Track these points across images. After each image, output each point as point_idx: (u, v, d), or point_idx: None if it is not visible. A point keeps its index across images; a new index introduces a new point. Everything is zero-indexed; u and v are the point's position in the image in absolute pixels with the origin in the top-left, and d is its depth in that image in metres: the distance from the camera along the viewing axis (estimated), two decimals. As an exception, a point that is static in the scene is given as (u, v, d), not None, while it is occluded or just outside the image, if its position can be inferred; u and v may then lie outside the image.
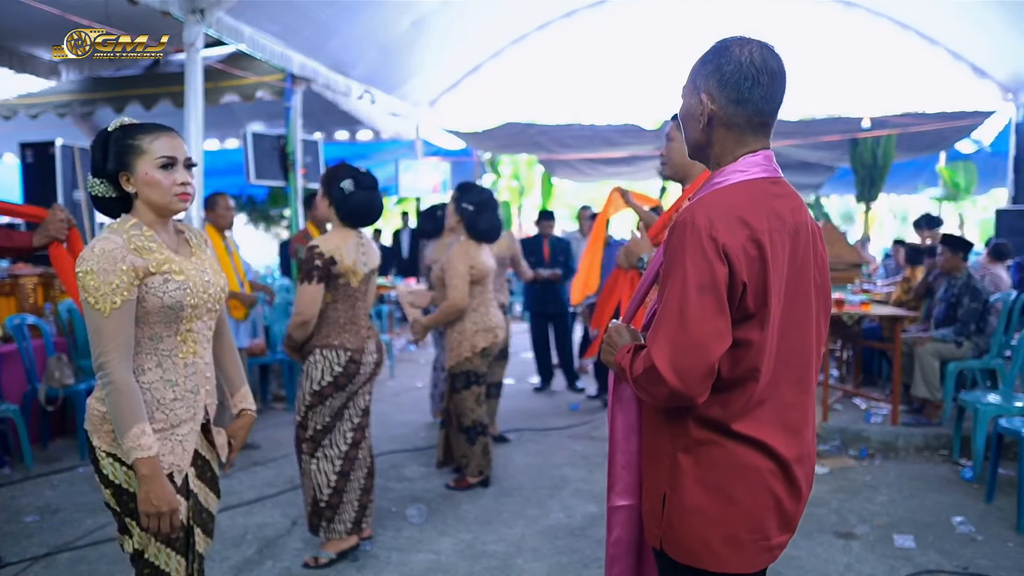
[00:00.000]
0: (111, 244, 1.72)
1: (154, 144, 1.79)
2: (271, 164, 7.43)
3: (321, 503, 3.18)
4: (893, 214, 22.27)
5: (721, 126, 1.47)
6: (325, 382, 3.10)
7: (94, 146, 1.83)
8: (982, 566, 3.21)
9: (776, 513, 1.47)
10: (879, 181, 10.30)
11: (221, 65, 7.63)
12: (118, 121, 1.83)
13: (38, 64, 7.95)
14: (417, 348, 8.96)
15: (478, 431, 4.09)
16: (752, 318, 1.39)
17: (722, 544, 1.45)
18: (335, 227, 3.18)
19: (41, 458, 4.61)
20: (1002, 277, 6.25)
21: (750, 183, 1.45)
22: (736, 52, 1.43)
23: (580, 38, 11.91)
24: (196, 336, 1.88)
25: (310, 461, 3.19)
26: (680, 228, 1.39)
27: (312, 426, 3.16)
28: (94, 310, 1.70)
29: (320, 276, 3.01)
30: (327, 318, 3.11)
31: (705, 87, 1.46)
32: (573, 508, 3.89)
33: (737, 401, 1.42)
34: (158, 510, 1.74)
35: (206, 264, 1.92)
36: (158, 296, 1.77)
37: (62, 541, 3.44)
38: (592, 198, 25.02)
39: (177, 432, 1.85)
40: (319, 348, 3.11)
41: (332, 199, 3.13)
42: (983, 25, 9.13)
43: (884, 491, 4.12)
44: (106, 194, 1.84)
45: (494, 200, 4.23)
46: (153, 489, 1.74)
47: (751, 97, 1.43)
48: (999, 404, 4.21)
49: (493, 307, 4.17)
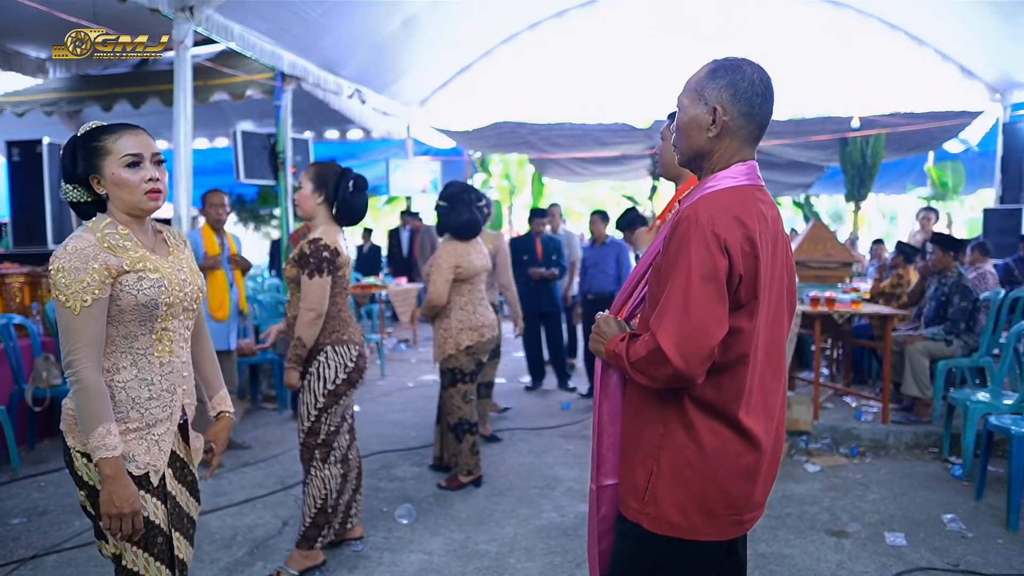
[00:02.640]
0: (83, 243, 1.72)
1: (118, 143, 1.78)
2: (261, 163, 7.39)
3: (328, 509, 3.09)
4: (882, 214, 22.39)
5: (728, 136, 1.61)
6: (339, 380, 3.02)
7: (64, 153, 1.82)
8: (972, 563, 3.22)
9: (750, 492, 1.61)
10: (868, 181, 10.35)
11: (211, 63, 7.59)
12: (87, 125, 1.83)
13: (25, 62, 7.87)
14: (407, 348, 8.94)
15: (464, 429, 4.09)
16: (743, 307, 1.54)
17: (699, 516, 1.59)
18: (326, 223, 3.10)
19: (29, 459, 4.57)
20: (990, 274, 6.29)
21: (741, 188, 1.59)
22: (748, 71, 1.58)
23: (571, 37, 11.94)
24: (172, 335, 1.86)
25: (323, 468, 3.07)
26: (684, 224, 1.51)
27: (324, 430, 3.05)
28: (65, 308, 1.69)
29: (329, 268, 2.96)
30: (330, 313, 3.04)
31: (718, 99, 1.58)
32: (565, 507, 3.88)
33: (729, 385, 1.56)
34: (119, 511, 1.72)
35: (183, 263, 1.92)
36: (132, 294, 1.76)
37: (49, 543, 3.40)
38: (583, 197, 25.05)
39: (153, 432, 1.83)
40: (331, 345, 3.02)
41: (329, 196, 3.06)
42: (971, 26, 9.19)
43: (875, 489, 4.14)
44: (80, 199, 1.83)
45: (469, 195, 4.10)
46: (115, 490, 1.71)
47: (759, 112, 1.59)
48: (988, 402, 4.23)
49: (482, 306, 4.13)
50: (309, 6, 7.26)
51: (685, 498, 1.58)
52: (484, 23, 10.43)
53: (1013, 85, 9.70)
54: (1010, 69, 9.51)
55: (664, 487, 1.59)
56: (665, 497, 1.59)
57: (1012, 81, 9.66)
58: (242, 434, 5.11)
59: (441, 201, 4.09)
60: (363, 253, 10.74)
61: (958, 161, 12.01)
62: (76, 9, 5.32)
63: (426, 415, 5.70)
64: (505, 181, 15.95)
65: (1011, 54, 9.22)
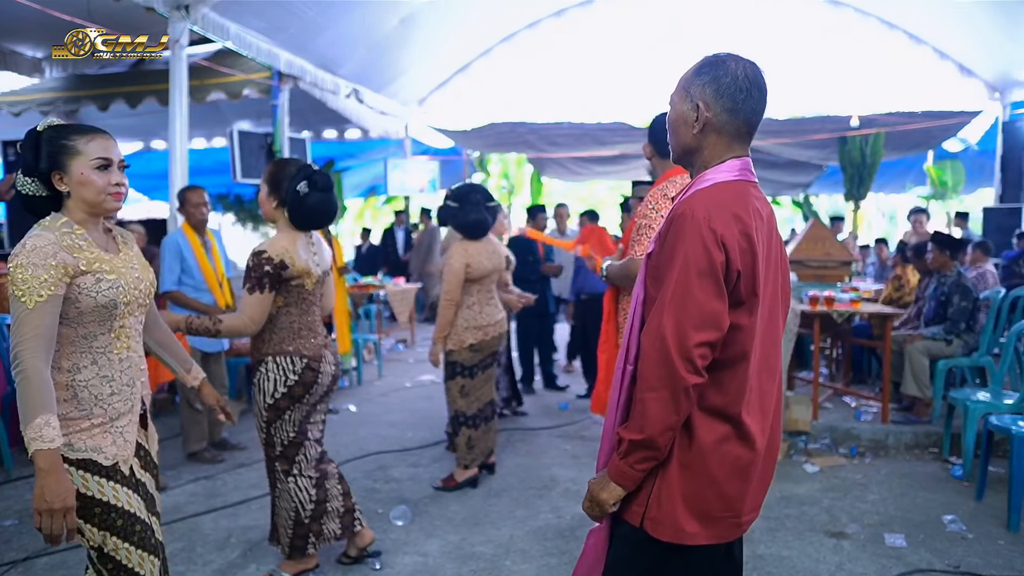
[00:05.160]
0: (43, 241, 1.77)
1: (90, 146, 1.84)
2: (258, 163, 7.36)
3: (305, 519, 2.99)
4: (881, 213, 22.35)
5: (713, 132, 1.58)
6: (279, 394, 2.84)
7: (25, 145, 1.85)
8: (973, 564, 3.20)
9: (746, 492, 1.60)
10: (868, 180, 10.34)
11: (207, 62, 7.56)
12: (48, 121, 1.88)
13: (21, 61, 7.84)
14: (405, 348, 8.92)
15: (460, 421, 4.11)
16: (743, 304, 1.52)
17: (699, 521, 1.56)
18: (282, 228, 2.88)
19: (21, 460, 4.52)
20: (990, 274, 6.26)
21: (736, 184, 1.57)
22: (732, 66, 1.56)
23: (570, 36, 11.90)
24: (129, 331, 1.93)
25: (287, 480, 2.96)
26: (680, 220, 1.49)
27: (279, 442, 2.93)
28: (19, 302, 1.73)
29: (272, 284, 2.75)
30: (278, 324, 2.84)
31: (701, 96, 1.57)
32: (562, 509, 3.85)
33: (731, 383, 1.54)
34: (50, 507, 1.71)
35: (134, 260, 1.98)
36: (91, 296, 1.82)
37: (41, 546, 3.36)
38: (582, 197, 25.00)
39: (116, 424, 1.90)
40: (271, 356, 2.84)
41: (282, 200, 2.84)
42: (971, 25, 9.17)
43: (875, 490, 4.11)
44: (36, 192, 1.87)
45: (478, 195, 4.09)
46: (48, 484, 1.70)
47: (743, 108, 1.56)
48: (989, 401, 4.21)
49: (490, 306, 4.13)
50: (306, 5, 7.23)
51: (687, 501, 1.55)
52: (483, 22, 10.41)
53: (1012, 84, 9.68)
54: (1009, 68, 9.50)
55: (667, 490, 1.55)
56: (668, 500, 1.55)
57: (1011, 80, 9.64)
58: (236, 435, 5.08)
59: (450, 201, 4.08)
60: (362, 253, 10.73)
61: (958, 160, 12.00)
62: (71, 8, 5.29)
63: (423, 416, 5.67)
64: (504, 181, 15.91)
65: (1010, 53, 9.21)
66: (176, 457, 4.64)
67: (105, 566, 1.86)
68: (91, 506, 1.82)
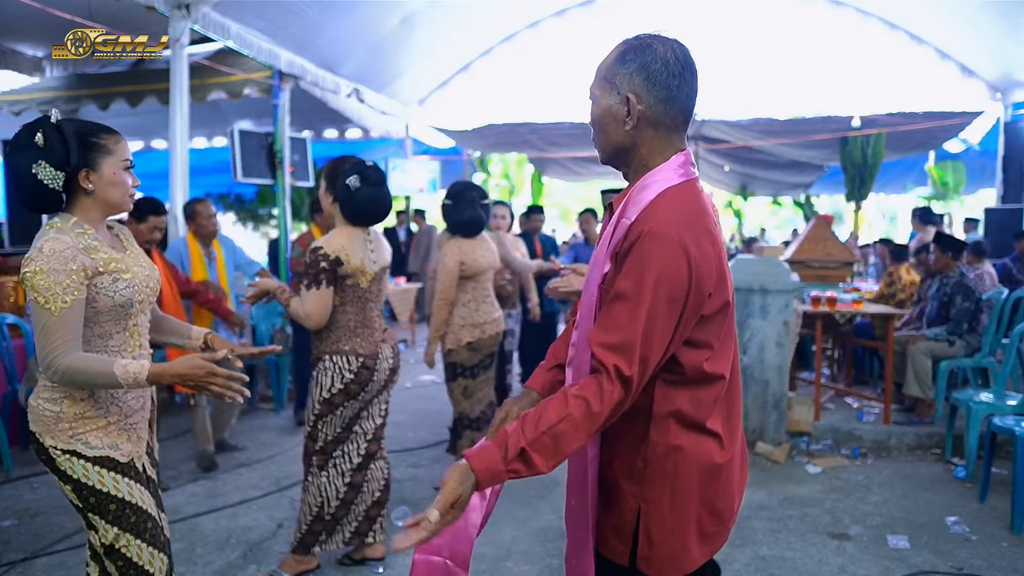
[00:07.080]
0: (61, 244, 1.74)
1: (119, 146, 1.85)
2: (259, 162, 7.34)
3: (327, 516, 3.02)
4: (882, 213, 22.34)
5: (648, 126, 1.41)
6: (336, 389, 2.93)
7: (49, 137, 1.74)
8: (976, 566, 3.18)
9: (732, 503, 1.52)
10: (869, 180, 10.33)
11: (207, 62, 7.54)
12: (57, 114, 1.80)
13: (21, 60, 7.82)
14: (405, 348, 8.90)
15: (464, 424, 4.09)
16: (719, 316, 1.41)
17: (697, 543, 1.47)
18: (340, 225, 2.97)
19: (21, 460, 4.51)
20: (988, 275, 6.25)
21: (689, 187, 1.41)
22: (659, 49, 1.38)
23: (570, 36, 11.88)
24: (140, 329, 1.95)
25: (319, 474, 3.01)
26: (650, 239, 1.32)
27: (322, 437, 2.99)
28: (44, 309, 1.71)
29: (328, 279, 2.83)
30: (336, 322, 2.93)
31: (630, 87, 1.39)
32: (564, 510, 3.83)
33: (707, 396, 1.43)
34: (197, 378, 1.76)
35: (140, 258, 1.98)
36: (109, 296, 1.82)
37: (40, 546, 3.36)
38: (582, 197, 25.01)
39: (131, 422, 1.92)
40: (329, 355, 2.93)
41: (336, 196, 2.95)
42: (972, 25, 9.16)
43: (877, 491, 4.09)
44: (53, 184, 1.75)
45: (472, 193, 4.08)
46: (177, 372, 1.75)
47: (679, 95, 1.39)
48: (992, 403, 4.19)
49: (486, 303, 4.12)
50: (307, 4, 7.22)
51: (682, 528, 1.44)
52: (483, 22, 10.40)
53: (1014, 84, 9.67)
54: (1011, 68, 9.48)
55: (658, 523, 1.44)
56: (664, 535, 1.44)
57: (1013, 80, 9.63)
58: (238, 435, 5.06)
59: (446, 199, 4.08)
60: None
61: (959, 160, 12.00)
62: (72, 7, 5.27)
63: (423, 416, 5.66)
64: (504, 181, 15.91)
65: (1012, 53, 9.19)
66: (176, 457, 4.63)
67: (115, 562, 1.87)
68: (107, 502, 1.83)
